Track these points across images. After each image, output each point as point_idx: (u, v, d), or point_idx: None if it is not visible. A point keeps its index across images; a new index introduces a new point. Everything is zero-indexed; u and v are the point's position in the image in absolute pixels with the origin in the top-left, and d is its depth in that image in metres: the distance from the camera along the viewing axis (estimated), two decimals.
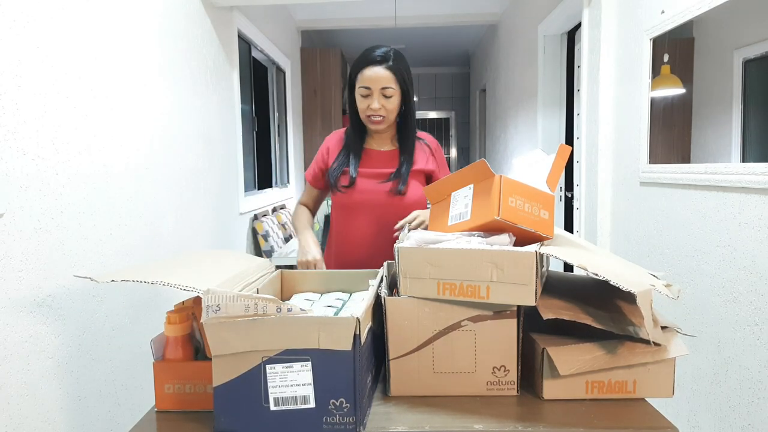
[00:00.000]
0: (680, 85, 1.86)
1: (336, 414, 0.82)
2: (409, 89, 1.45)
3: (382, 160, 1.51)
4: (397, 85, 1.40)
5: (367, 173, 1.48)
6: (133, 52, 1.90)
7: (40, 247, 1.40)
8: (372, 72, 1.39)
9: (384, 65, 1.39)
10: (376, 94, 1.39)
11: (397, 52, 1.43)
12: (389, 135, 1.53)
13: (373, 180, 1.47)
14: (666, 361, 0.92)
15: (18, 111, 1.33)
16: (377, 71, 1.38)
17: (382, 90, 1.39)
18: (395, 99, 1.42)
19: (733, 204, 1.51)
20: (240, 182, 3.20)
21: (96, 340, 1.63)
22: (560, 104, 3.40)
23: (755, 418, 1.43)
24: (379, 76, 1.38)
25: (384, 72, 1.38)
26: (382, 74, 1.38)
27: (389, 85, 1.39)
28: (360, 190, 1.47)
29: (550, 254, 0.91)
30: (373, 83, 1.39)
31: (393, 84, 1.40)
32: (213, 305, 0.80)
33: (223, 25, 2.93)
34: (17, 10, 1.34)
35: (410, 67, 1.47)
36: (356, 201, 1.47)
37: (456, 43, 6.39)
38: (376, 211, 1.46)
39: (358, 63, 1.42)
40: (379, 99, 1.39)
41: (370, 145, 1.53)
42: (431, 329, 0.94)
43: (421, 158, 1.52)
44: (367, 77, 1.39)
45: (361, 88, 1.41)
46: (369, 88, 1.39)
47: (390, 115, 1.44)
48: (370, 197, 1.46)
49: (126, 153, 1.83)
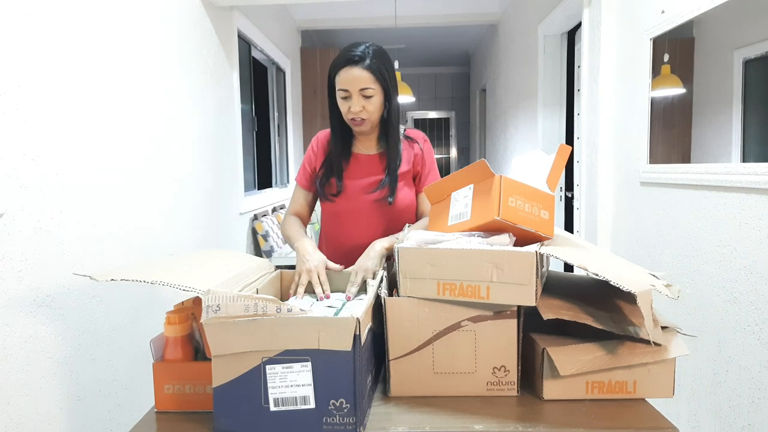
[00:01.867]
0: (680, 85, 1.86)
1: (336, 414, 0.82)
2: (390, 88, 1.37)
3: (370, 165, 1.45)
4: (377, 84, 1.33)
5: (354, 182, 1.43)
6: (133, 52, 1.90)
7: (39, 247, 1.40)
8: (349, 74, 1.31)
9: (361, 65, 1.31)
10: (356, 96, 1.32)
11: (377, 50, 1.35)
12: (375, 136, 1.47)
13: (361, 188, 1.43)
14: (666, 362, 0.92)
15: (18, 111, 1.33)
16: (354, 72, 1.31)
17: (362, 91, 1.32)
18: (377, 99, 1.34)
19: (734, 204, 1.51)
20: (240, 182, 3.20)
21: (96, 341, 1.63)
22: (560, 104, 3.40)
23: (755, 418, 1.43)
24: (357, 77, 1.31)
25: (362, 72, 1.31)
26: (359, 75, 1.31)
27: (368, 86, 1.32)
28: (348, 198, 1.43)
29: (550, 254, 0.91)
30: (350, 85, 1.31)
31: (372, 84, 1.32)
32: (213, 305, 0.80)
33: (223, 24, 2.92)
34: (17, 10, 1.34)
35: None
36: (344, 209, 1.44)
37: (456, 42, 6.39)
38: (365, 218, 1.43)
39: (335, 64, 1.35)
40: (358, 101, 1.32)
41: (358, 149, 1.47)
42: (431, 329, 0.94)
43: (408, 158, 1.47)
44: (344, 79, 1.32)
45: (339, 90, 1.34)
46: (347, 90, 1.32)
47: (372, 116, 1.36)
48: (358, 206, 1.43)
49: (126, 153, 1.83)
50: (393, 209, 1.42)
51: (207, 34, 2.67)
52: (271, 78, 4.33)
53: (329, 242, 1.53)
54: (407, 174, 1.46)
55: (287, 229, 1.43)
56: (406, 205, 1.45)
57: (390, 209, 1.42)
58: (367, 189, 1.42)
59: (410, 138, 1.49)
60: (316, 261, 1.22)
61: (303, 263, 1.22)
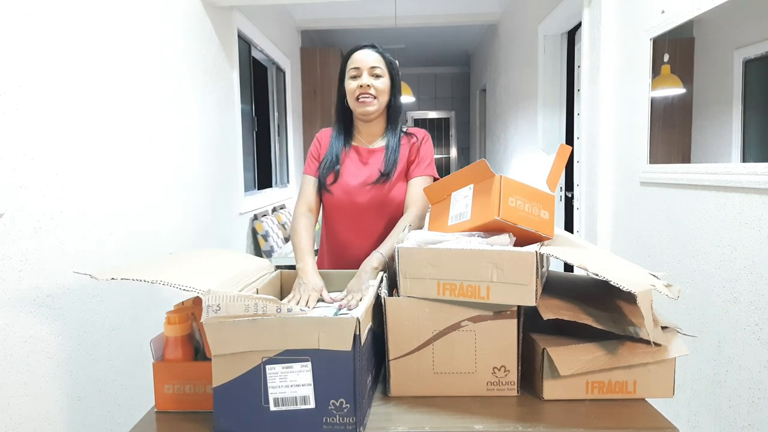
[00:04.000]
0: (680, 84, 1.86)
1: (336, 414, 0.82)
2: (396, 80, 1.46)
3: (369, 158, 1.47)
4: (386, 69, 1.43)
5: (351, 172, 1.45)
6: (133, 52, 1.90)
7: (39, 247, 1.40)
8: (361, 54, 1.42)
9: (373, 50, 1.43)
10: (366, 73, 1.41)
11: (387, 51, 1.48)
12: (379, 127, 1.49)
13: (358, 180, 1.44)
14: (666, 362, 0.92)
15: (18, 111, 1.33)
16: (366, 53, 1.42)
17: (371, 69, 1.41)
18: (385, 81, 1.43)
19: (734, 204, 1.51)
20: (240, 182, 3.20)
21: (96, 340, 1.62)
22: (560, 104, 3.40)
23: (755, 419, 1.43)
24: (369, 57, 1.41)
25: (373, 53, 1.42)
26: (371, 55, 1.42)
27: (378, 65, 1.41)
28: (344, 189, 1.44)
29: (550, 254, 0.91)
30: (362, 63, 1.41)
31: (382, 65, 1.42)
32: (213, 305, 0.80)
33: (223, 24, 2.92)
34: (17, 10, 1.34)
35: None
36: (341, 201, 1.45)
37: (456, 43, 6.39)
38: (362, 212, 1.44)
39: (349, 51, 1.46)
40: (368, 78, 1.40)
41: (358, 141, 1.50)
42: (431, 329, 0.94)
43: (404, 154, 1.47)
44: (357, 59, 1.42)
45: (350, 70, 1.42)
46: (358, 68, 1.41)
47: (381, 97, 1.42)
48: (354, 197, 1.43)
49: (125, 153, 1.83)
50: (388, 203, 1.43)
51: (207, 34, 2.67)
52: (271, 78, 4.33)
53: (329, 238, 1.53)
54: (403, 170, 1.46)
55: (296, 236, 1.39)
56: (402, 199, 1.45)
57: (385, 202, 1.43)
58: (364, 181, 1.43)
59: (410, 134, 1.51)
60: (311, 287, 1.19)
61: (299, 285, 1.21)
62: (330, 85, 5.16)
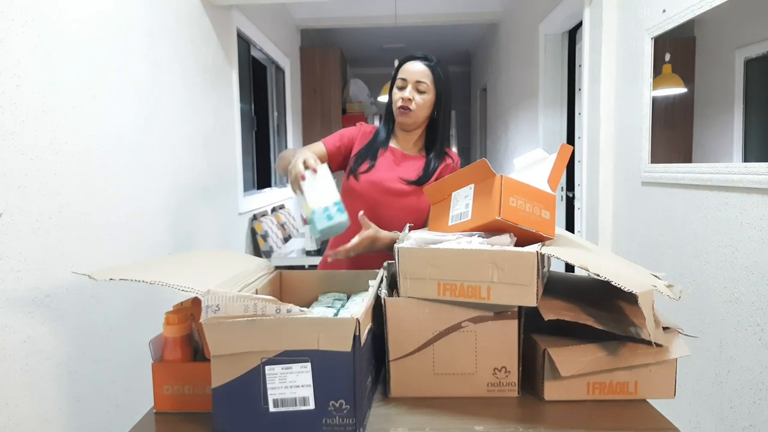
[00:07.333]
0: (682, 84, 1.86)
1: (336, 415, 0.81)
2: (444, 95, 1.45)
3: (402, 161, 1.50)
4: (432, 83, 1.42)
5: (382, 168, 1.47)
6: (132, 51, 1.89)
7: (38, 247, 1.39)
8: (411, 66, 1.43)
9: (424, 62, 1.43)
10: (411, 86, 1.42)
11: (443, 63, 1.47)
12: (414, 138, 1.52)
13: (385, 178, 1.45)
14: (667, 362, 0.92)
15: (16, 111, 1.33)
16: (415, 65, 1.43)
17: (416, 83, 1.42)
18: (428, 96, 1.43)
19: (735, 204, 1.50)
20: (239, 182, 3.19)
21: (95, 341, 1.62)
22: (561, 103, 3.40)
23: (757, 419, 1.43)
24: (416, 70, 1.42)
25: (421, 66, 1.42)
26: (419, 68, 1.42)
27: (424, 80, 1.41)
28: (371, 182, 1.45)
29: (551, 254, 0.90)
30: (409, 75, 1.42)
31: (428, 80, 1.42)
32: (212, 305, 0.80)
33: (222, 23, 2.92)
34: (16, 10, 1.33)
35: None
36: (367, 191, 1.45)
37: (456, 42, 6.39)
38: (383, 208, 1.44)
39: (404, 59, 1.47)
40: (411, 91, 1.42)
41: (395, 144, 1.54)
42: (432, 330, 0.94)
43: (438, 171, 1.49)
44: (405, 69, 1.44)
45: (399, 79, 1.44)
46: (405, 80, 1.43)
47: (419, 111, 1.43)
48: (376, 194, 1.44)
49: (124, 153, 1.83)
50: (407, 207, 1.45)
51: (206, 34, 2.66)
52: (270, 77, 4.33)
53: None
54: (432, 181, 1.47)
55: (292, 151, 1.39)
56: (419, 208, 1.45)
57: (406, 205, 1.44)
58: (393, 178, 1.45)
59: (448, 154, 1.54)
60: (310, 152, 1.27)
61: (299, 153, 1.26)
62: (330, 84, 5.15)
